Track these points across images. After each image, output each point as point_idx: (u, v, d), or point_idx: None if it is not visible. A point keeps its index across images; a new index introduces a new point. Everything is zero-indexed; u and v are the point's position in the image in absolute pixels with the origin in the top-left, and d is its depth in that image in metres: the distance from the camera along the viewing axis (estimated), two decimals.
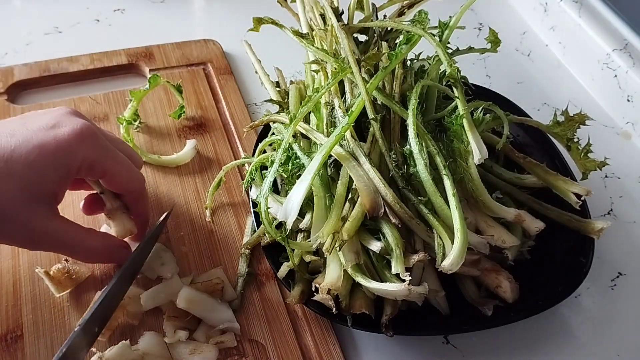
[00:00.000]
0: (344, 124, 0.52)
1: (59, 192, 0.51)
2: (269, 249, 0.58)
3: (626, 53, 0.84)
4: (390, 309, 0.52)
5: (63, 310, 0.56)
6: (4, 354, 0.52)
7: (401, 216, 0.51)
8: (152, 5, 0.94)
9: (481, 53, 0.65)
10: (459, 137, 0.55)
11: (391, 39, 0.65)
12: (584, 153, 0.60)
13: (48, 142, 0.49)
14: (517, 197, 0.62)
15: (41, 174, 0.48)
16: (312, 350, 0.56)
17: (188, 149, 0.70)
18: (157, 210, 0.64)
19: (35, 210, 0.48)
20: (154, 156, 0.69)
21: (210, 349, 0.53)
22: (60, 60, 0.79)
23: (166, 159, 0.69)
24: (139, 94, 0.71)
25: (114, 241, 0.57)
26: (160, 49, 0.83)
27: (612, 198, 0.74)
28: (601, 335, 0.61)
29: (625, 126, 0.84)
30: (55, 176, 0.49)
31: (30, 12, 0.90)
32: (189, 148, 0.70)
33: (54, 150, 0.49)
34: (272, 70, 0.72)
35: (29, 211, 0.48)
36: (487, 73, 0.91)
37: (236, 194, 0.68)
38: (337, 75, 0.56)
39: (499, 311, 0.55)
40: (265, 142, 0.62)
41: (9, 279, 0.57)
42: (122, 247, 0.57)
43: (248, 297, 0.59)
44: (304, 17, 0.67)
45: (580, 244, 0.59)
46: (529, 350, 0.59)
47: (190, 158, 0.70)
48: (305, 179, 0.51)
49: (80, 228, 0.53)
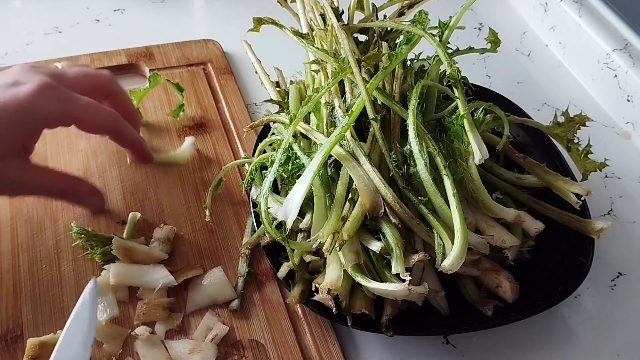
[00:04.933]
0: (344, 124, 0.52)
1: (29, 145, 0.56)
2: (269, 249, 0.58)
3: (626, 53, 0.84)
4: (390, 309, 0.52)
5: (63, 311, 0.56)
6: (4, 354, 0.52)
7: (401, 216, 0.51)
8: (152, 5, 0.94)
9: (481, 53, 0.65)
10: (460, 137, 0.55)
11: (391, 39, 0.65)
12: (584, 154, 0.60)
13: (8, 102, 0.51)
14: (517, 197, 0.62)
15: (6, 133, 0.51)
16: (312, 350, 0.56)
17: (186, 145, 0.70)
18: (157, 211, 0.65)
19: (8, 163, 0.52)
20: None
21: (209, 347, 0.54)
22: (60, 60, 0.78)
23: (165, 157, 0.69)
24: (139, 93, 0.71)
25: (84, 186, 0.61)
26: (160, 49, 0.83)
27: (612, 198, 0.74)
28: (601, 335, 0.61)
29: (625, 126, 0.84)
30: (20, 133, 0.52)
31: (30, 12, 0.90)
32: (187, 145, 0.70)
33: (15, 108, 0.51)
34: (272, 70, 0.72)
35: (2, 165, 0.52)
36: (487, 73, 0.91)
37: (236, 194, 0.68)
38: (337, 75, 0.56)
39: (499, 311, 0.55)
40: (265, 142, 0.62)
41: (9, 279, 0.57)
42: (92, 193, 0.61)
43: (248, 297, 0.59)
44: (304, 17, 0.67)
45: (580, 244, 0.59)
46: (529, 350, 0.59)
47: (189, 155, 0.70)
48: (305, 179, 0.51)
49: (52, 173, 0.59)
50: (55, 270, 0.59)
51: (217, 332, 0.55)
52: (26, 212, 0.63)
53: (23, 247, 0.60)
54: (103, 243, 0.60)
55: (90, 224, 0.63)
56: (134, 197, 0.66)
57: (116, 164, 0.69)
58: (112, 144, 0.70)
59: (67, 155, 0.69)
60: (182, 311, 0.57)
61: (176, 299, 0.57)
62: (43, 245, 0.60)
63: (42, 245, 0.60)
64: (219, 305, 0.58)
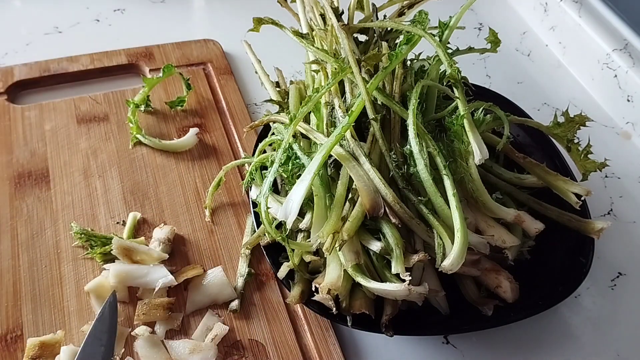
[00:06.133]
0: (344, 124, 0.52)
1: None
2: (269, 249, 0.58)
3: (626, 53, 0.84)
4: (390, 309, 0.52)
5: (63, 311, 0.56)
6: (4, 354, 0.52)
7: (401, 216, 0.51)
8: (152, 5, 0.94)
9: (481, 53, 0.65)
10: (460, 137, 0.55)
11: (391, 39, 0.65)
12: (584, 154, 0.60)
13: None
14: (517, 197, 0.62)
15: None
16: (312, 350, 0.56)
17: (189, 135, 0.71)
18: (157, 211, 0.65)
19: None
20: (154, 139, 0.70)
21: (210, 347, 0.54)
22: (60, 60, 0.79)
23: (167, 143, 0.70)
24: (151, 81, 0.73)
25: None
26: (160, 49, 0.83)
27: (612, 198, 0.74)
28: (601, 335, 0.61)
29: (625, 126, 0.84)
30: None
31: (30, 12, 0.90)
32: (190, 135, 0.71)
33: None
34: (272, 70, 0.72)
35: None
36: (487, 73, 0.91)
37: (236, 194, 0.68)
38: (337, 75, 0.55)
39: (499, 311, 0.55)
40: (265, 142, 0.62)
41: (9, 279, 0.57)
42: None
43: (248, 297, 0.59)
44: (304, 17, 0.67)
45: (580, 244, 0.59)
46: (529, 350, 0.59)
47: (190, 146, 0.71)
48: (305, 179, 0.51)
49: None
50: (55, 270, 0.59)
51: (217, 332, 0.55)
52: (26, 212, 0.63)
53: (23, 247, 0.60)
54: (103, 243, 0.60)
55: (90, 224, 0.63)
56: (134, 197, 0.66)
57: (116, 164, 0.69)
58: (112, 143, 0.71)
59: (67, 155, 0.69)
60: (182, 311, 0.57)
61: (176, 299, 0.57)
62: (43, 245, 0.60)
63: (42, 245, 0.60)
64: (219, 305, 0.58)
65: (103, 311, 0.53)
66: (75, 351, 0.51)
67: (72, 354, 0.52)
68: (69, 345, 0.53)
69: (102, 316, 0.53)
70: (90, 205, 0.64)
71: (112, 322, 0.53)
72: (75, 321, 0.55)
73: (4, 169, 0.66)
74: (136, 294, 0.57)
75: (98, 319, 0.53)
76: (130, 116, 0.70)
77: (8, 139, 0.69)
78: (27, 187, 0.65)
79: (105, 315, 0.53)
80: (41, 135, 0.70)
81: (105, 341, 0.52)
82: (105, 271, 0.58)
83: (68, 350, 0.52)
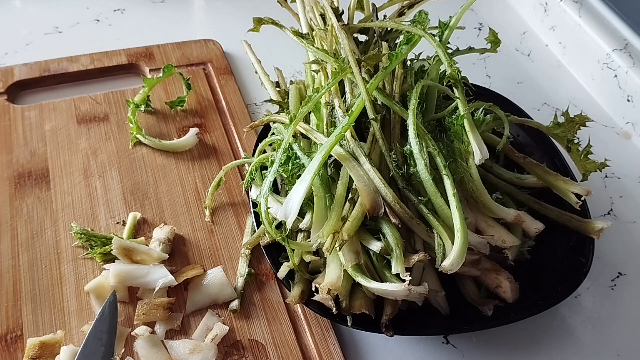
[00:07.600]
0: (344, 124, 0.52)
1: None
2: (269, 249, 0.58)
3: (626, 53, 0.84)
4: (390, 309, 0.52)
5: (63, 311, 0.56)
6: (4, 354, 0.52)
7: (401, 216, 0.51)
8: (152, 5, 0.94)
9: (481, 53, 0.65)
10: (460, 137, 0.55)
11: (391, 39, 0.65)
12: (584, 154, 0.60)
13: None
14: (517, 197, 0.62)
15: None
16: (312, 350, 0.56)
17: (189, 135, 0.71)
18: (157, 211, 0.65)
19: None
20: (154, 139, 0.70)
21: (210, 347, 0.54)
22: (60, 60, 0.79)
23: (167, 143, 0.70)
24: (151, 81, 0.73)
25: None
26: (160, 49, 0.83)
27: (612, 198, 0.74)
28: (601, 335, 0.61)
29: (625, 126, 0.84)
30: None
31: (30, 12, 0.90)
32: (190, 135, 0.71)
33: None
34: (272, 70, 0.72)
35: None
36: (487, 73, 0.91)
37: (236, 194, 0.68)
38: (337, 75, 0.56)
39: (499, 311, 0.55)
40: (265, 142, 0.62)
41: (9, 279, 0.57)
42: None
43: (248, 297, 0.59)
44: (304, 17, 0.67)
45: (580, 244, 0.59)
46: (529, 350, 0.59)
47: (190, 146, 0.71)
48: (305, 179, 0.51)
49: None
50: (55, 270, 0.59)
51: (217, 332, 0.55)
52: (26, 212, 0.63)
53: (23, 247, 0.60)
54: (103, 243, 0.60)
55: (90, 224, 0.63)
56: (134, 197, 0.66)
57: (116, 164, 0.69)
58: (112, 143, 0.71)
59: (67, 155, 0.69)
60: (182, 311, 0.57)
61: (176, 299, 0.57)
62: (43, 245, 0.60)
63: (42, 245, 0.60)
64: (219, 305, 0.58)
65: (103, 311, 0.53)
66: (75, 351, 0.51)
67: (72, 354, 0.52)
68: (69, 345, 0.53)
69: (102, 316, 0.53)
70: (90, 205, 0.64)
71: (112, 322, 0.53)
72: (75, 321, 0.55)
73: (4, 169, 0.66)
74: (136, 294, 0.57)
75: (98, 319, 0.53)
76: (130, 116, 0.70)
77: (8, 139, 0.69)
78: (27, 187, 0.65)
79: (105, 315, 0.53)
80: (41, 135, 0.70)
81: (105, 341, 0.52)
82: (105, 271, 0.58)
83: (68, 350, 0.52)
